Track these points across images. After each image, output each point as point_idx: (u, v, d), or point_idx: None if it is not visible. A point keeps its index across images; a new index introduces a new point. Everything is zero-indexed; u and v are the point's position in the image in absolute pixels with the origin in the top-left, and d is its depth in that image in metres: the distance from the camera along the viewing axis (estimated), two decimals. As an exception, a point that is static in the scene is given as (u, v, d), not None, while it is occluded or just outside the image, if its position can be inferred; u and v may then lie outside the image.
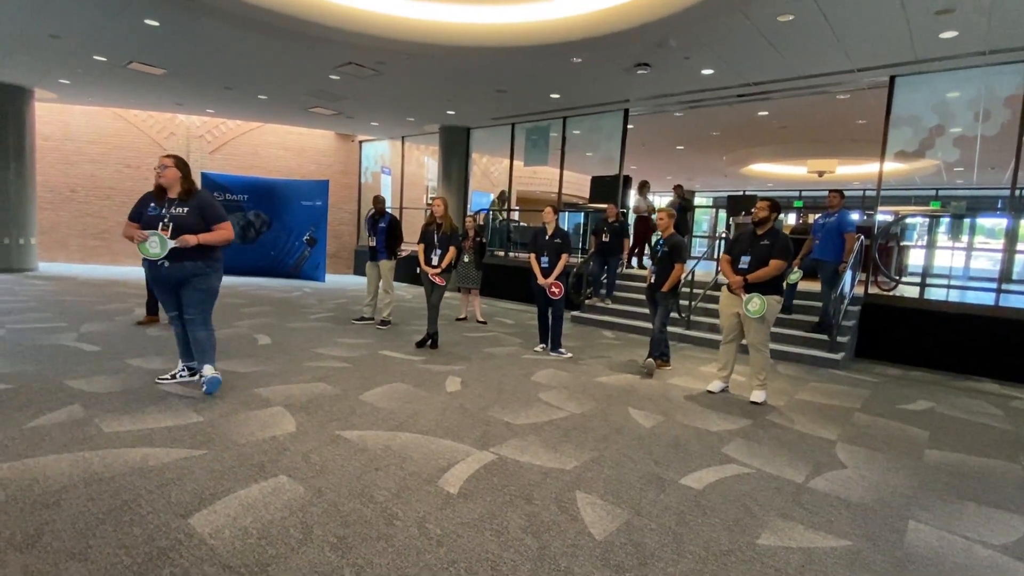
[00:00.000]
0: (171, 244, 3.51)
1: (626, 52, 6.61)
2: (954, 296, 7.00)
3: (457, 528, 2.31)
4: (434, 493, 2.61)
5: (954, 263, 11.76)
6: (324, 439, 3.18)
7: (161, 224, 3.54)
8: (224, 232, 3.73)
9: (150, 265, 3.62)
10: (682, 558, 2.20)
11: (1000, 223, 11.73)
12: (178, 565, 1.95)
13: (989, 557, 2.38)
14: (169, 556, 2.00)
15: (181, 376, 4.06)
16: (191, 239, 3.55)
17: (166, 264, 3.59)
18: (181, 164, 3.68)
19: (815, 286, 6.62)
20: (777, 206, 4.28)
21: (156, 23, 6.51)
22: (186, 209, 3.61)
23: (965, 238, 12.99)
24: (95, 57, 8.05)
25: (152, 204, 3.63)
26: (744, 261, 4.33)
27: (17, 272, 10.41)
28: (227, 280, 11.07)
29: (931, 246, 8.60)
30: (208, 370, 3.84)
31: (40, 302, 7.23)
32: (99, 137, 12.74)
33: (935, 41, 5.71)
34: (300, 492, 2.53)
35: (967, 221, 11.40)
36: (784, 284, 6.53)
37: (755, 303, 4.19)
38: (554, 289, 5.74)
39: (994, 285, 6.68)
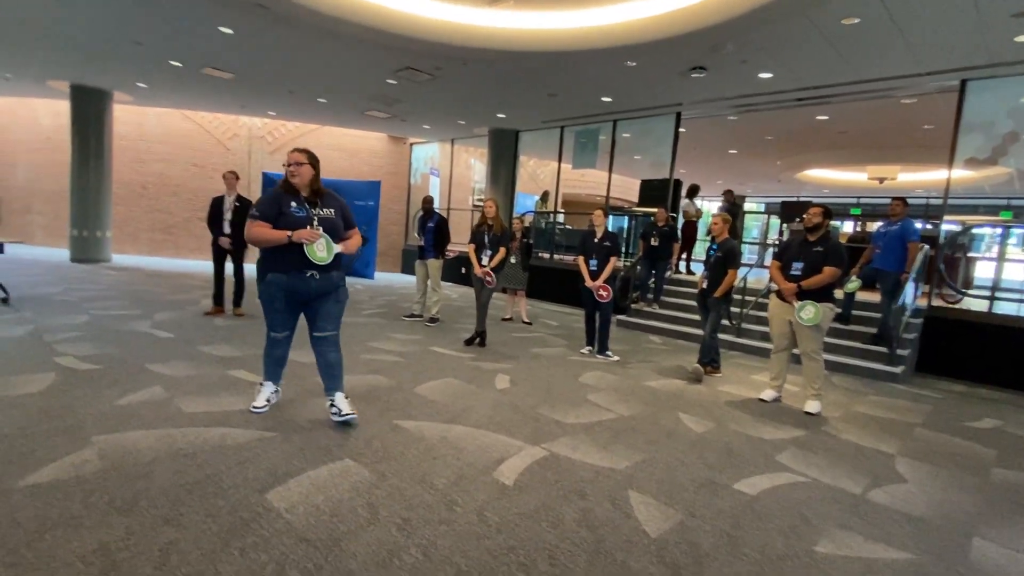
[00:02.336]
0: (337, 249, 3.13)
1: (682, 56, 6.58)
2: (1027, 311, 6.63)
3: (514, 518, 2.40)
4: (490, 484, 2.71)
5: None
6: (384, 427, 3.33)
7: (309, 227, 3.09)
8: (359, 237, 3.39)
9: (291, 279, 3.11)
10: (737, 560, 2.22)
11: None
12: (259, 535, 2.11)
13: (1063, 580, 2.29)
14: (251, 527, 2.16)
15: (274, 399, 3.53)
16: (354, 244, 3.26)
17: (316, 276, 3.13)
18: (314, 161, 3.22)
19: (874, 296, 6.41)
20: (830, 212, 4.19)
21: (230, 31, 6.90)
22: (332, 211, 3.23)
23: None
24: (171, 62, 8.58)
25: (293, 204, 3.12)
26: (796, 268, 4.26)
27: (94, 263, 11.17)
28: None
29: (1001, 258, 8.15)
30: (342, 401, 3.32)
31: (116, 291, 7.76)
32: (169, 137, 13.50)
33: (1010, 44, 5.46)
34: (365, 475, 2.67)
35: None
36: (842, 293, 6.38)
37: (809, 311, 4.11)
38: (602, 292, 5.77)
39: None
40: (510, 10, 6.25)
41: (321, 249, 3.08)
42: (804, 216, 4.29)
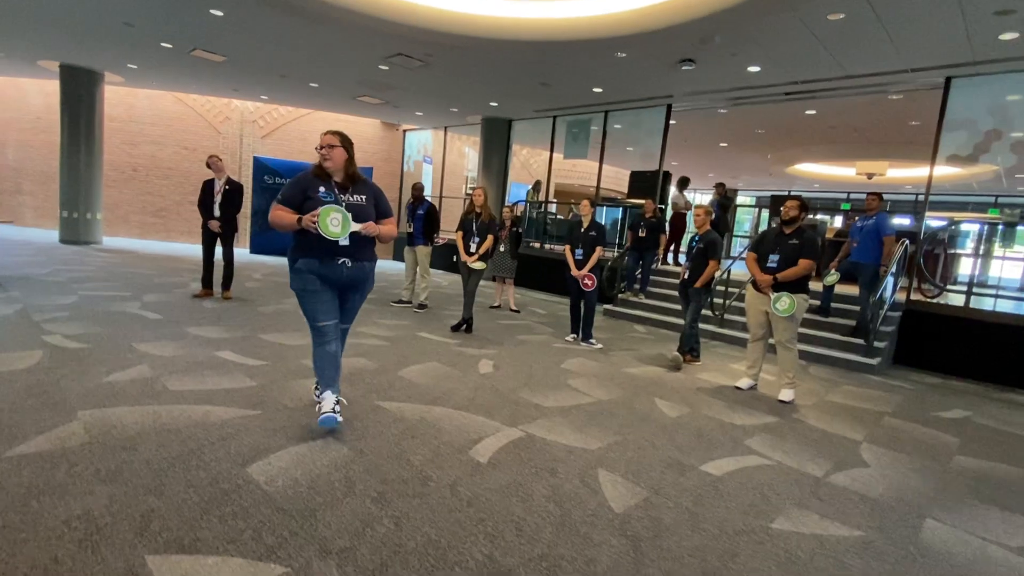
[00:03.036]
0: (354, 227, 2.89)
1: (671, 48, 6.63)
2: (1004, 307, 6.77)
3: (486, 492, 2.50)
4: (465, 461, 2.81)
5: (1010, 273, 11.29)
6: (365, 407, 3.42)
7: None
8: (394, 229, 3.16)
9: (323, 266, 2.91)
10: (696, 533, 2.33)
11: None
12: (238, 505, 2.20)
13: (1003, 557, 2.42)
14: (231, 497, 2.25)
15: (338, 408, 3.02)
16: (375, 228, 2.97)
17: (348, 264, 2.95)
18: (348, 143, 3.05)
19: (854, 289, 6.54)
20: (806, 206, 4.29)
21: (221, 13, 6.88)
22: (363, 198, 3.03)
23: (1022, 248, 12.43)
24: (162, 44, 8.53)
25: (322, 189, 2.93)
26: (773, 260, 4.36)
27: (84, 244, 11.15)
28: (275, 261, 11.63)
29: (978, 254, 8.30)
30: (329, 400, 2.99)
31: (106, 273, 7.78)
32: (160, 120, 13.43)
33: (994, 42, 5.54)
34: (344, 451, 2.76)
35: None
36: (822, 286, 6.51)
37: (784, 302, 4.22)
38: (587, 281, 5.86)
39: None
40: (501, -2, 6.28)
41: (335, 224, 2.82)
42: (781, 208, 4.38)
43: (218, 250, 6.52)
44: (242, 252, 11.74)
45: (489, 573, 1.93)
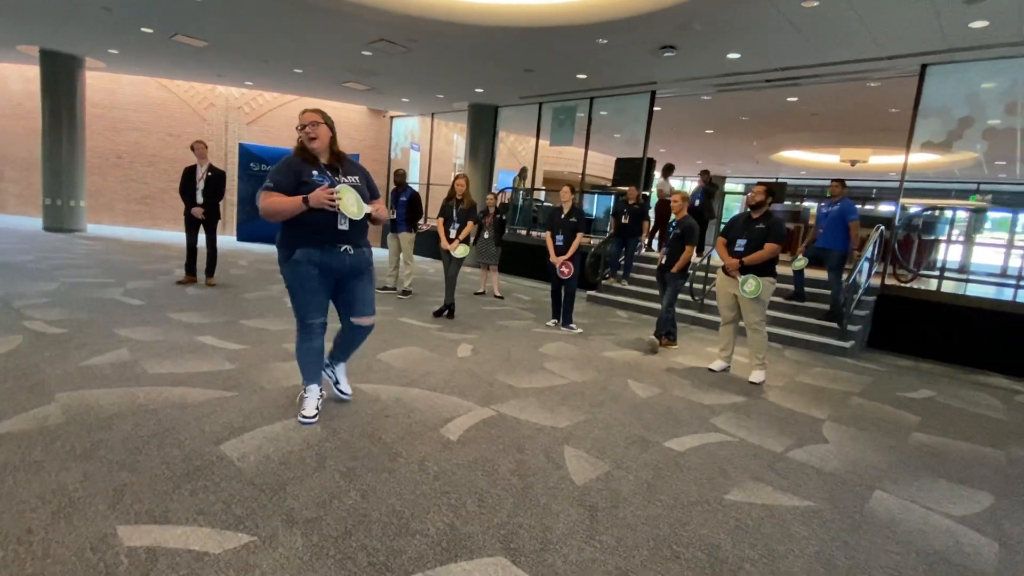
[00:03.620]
0: (367, 209, 2.79)
1: (651, 34, 6.66)
2: (975, 291, 6.93)
3: (453, 468, 2.60)
4: (436, 439, 2.90)
5: (984, 258, 11.50)
6: (341, 389, 3.50)
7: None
8: (384, 209, 3.02)
9: (325, 254, 2.79)
10: (651, 504, 2.45)
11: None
12: (210, 479, 2.28)
13: (944, 525, 2.55)
14: (203, 472, 2.33)
15: (320, 403, 3.06)
16: (384, 209, 2.86)
17: (350, 250, 2.84)
18: (330, 121, 2.85)
19: (823, 274, 6.67)
20: (772, 191, 4.39)
21: (200, -2, 6.84)
22: (357, 178, 2.88)
23: (1003, 234, 12.64)
24: (143, 29, 8.45)
25: (315, 172, 2.77)
26: (740, 244, 4.47)
27: (68, 232, 11.09)
28: (262, 248, 11.63)
29: (950, 240, 8.47)
30: (312, 400, 3.00)
31: (90, 260, 7.77)
32: (144, 106, 13.30)
33: (966, 30, 5.63)
34: (317, 430, 2.85)
35: (1005, 216, 11.08)
36: (791, 271, 6.65)
37: (751, 284, 4.34)
38: (563, 268, 5.93)
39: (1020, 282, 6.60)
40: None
41: (352, 204, 2.71)
42: (748, 194, 4.48)
43: (201, 237, 6.54)
44: (228, 239, 11.73)
45: (448, 540, 2.03)
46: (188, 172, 6.38)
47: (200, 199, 6.33)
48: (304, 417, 2.93)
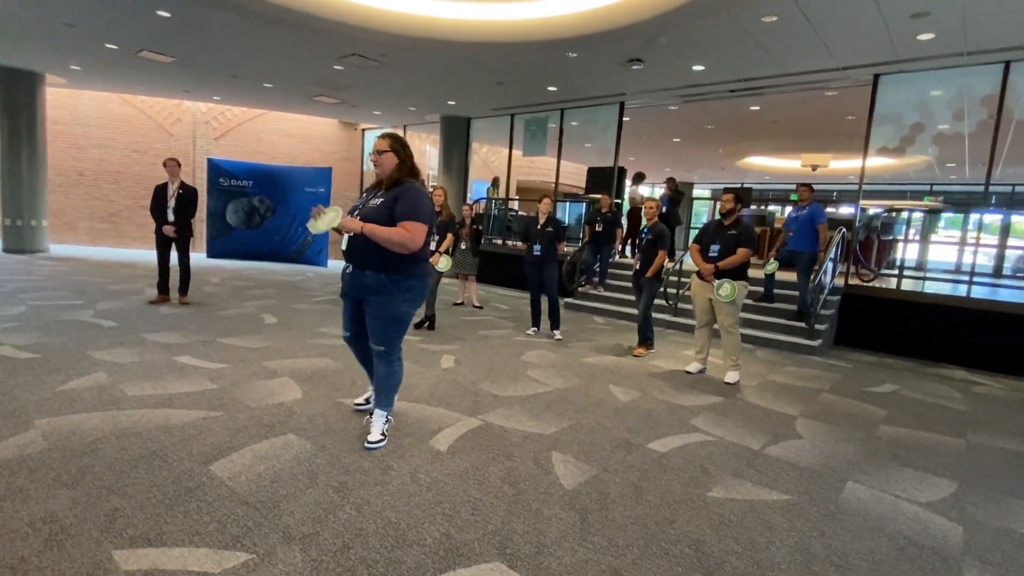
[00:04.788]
0: (332, 223, 2.79)
1: (618, 49, 6.86)
2: (931, 288, 7.28)
3: (444, 478, 2.64)
4: (426, 450, 2.94)
5: (940, 256, 12.04)
6: (327, 405, 3.51)
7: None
8: (403, 232, 2.70)
9: (343, 272, 2.98)
10: (639, 504, 2.53)
11: (995, 219, 12.01)
12: (203, 500, 2.28)
13: (911, 511, 2.70)
14: (195, 493, 2.33)
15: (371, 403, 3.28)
16: (355, 225, 2.70)
17: (349, 270, 2.93)
18: (399, 146, 2.86)
19: (794, 276, 6.92)
20: (741, 198, 4.59)
21: (168, 14, 6.77)
22: (381, 200, 2.84)
23: (957, 233, 13.26)
24: (107, 45, 8.30)
25: (363, 195, 2.98)
26: (714, 250, 4.65)
27: (29, 253, 10.74)
28: (234, 264, 11.47)
29: (907, 239, 8.88)
30: (379, 422, 2.99)
31: (56, 281, 7.56)
32: (107, 122, 12.99)
33: (914, 42, 5.95)
34: (307, 447, 2.86)
35: (964, 216, 11.63)
36: (763, 274, 6.88)
37: (726, 288, 4.50)
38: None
39: (978, 278, 6.96)
40: (453, 0, 6.37)
41: (321, 220, 2.77)
42: (719, 202, 4.66)
43: (173, 255, 6.44)
44: (199, 256, 11.49)
45: (445, 549, 2.08)
46: (159, 190, 6.29)
47: (171, 217, 6.25)
48: (368, 444, 2.92)
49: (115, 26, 7.43)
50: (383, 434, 2.97)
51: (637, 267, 5.62)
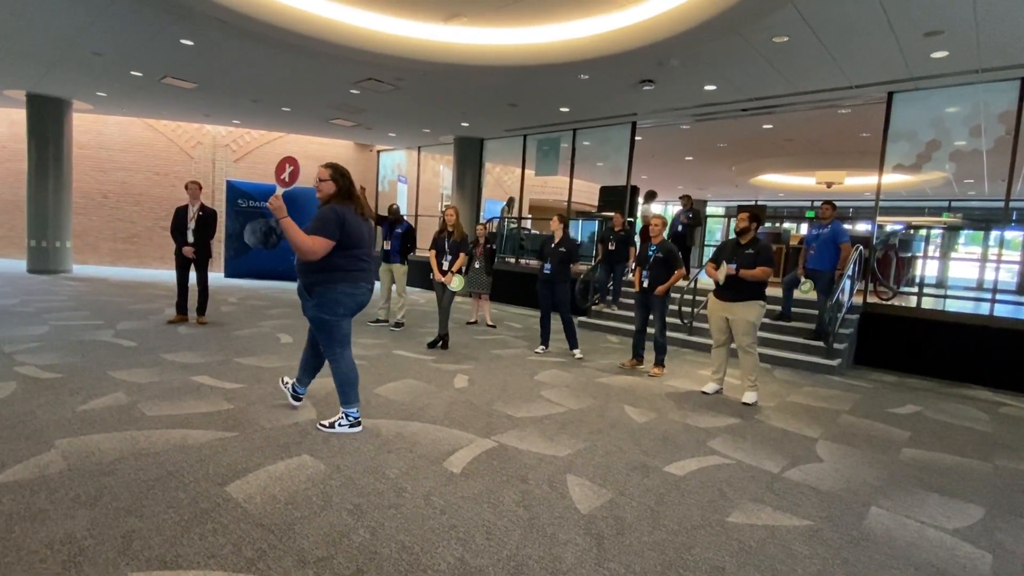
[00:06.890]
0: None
1: (630, 70, 6.93)
2: (953, 306, 7.15)
3: (458, 501, 2.62)
4: (439, 472, 2.93)
5: (964, 274, 11.83)
6: (342, 426, 3.51)
7: None
8: (302, 238, 3.05)
9: None
10: (656, 530, 2.49)
11: (1017, 235, 11.82)
12: (218, 522, 2.29)
13: (938, 538, 2.62)
14: (211, 515, 2.34)
15: (299, 395, 3.79)
16: (280, 212, 3.03)
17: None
18: (338, 176, 3.27)
19: (812, 294, 6.83)
20: (757, 216, 4.55)
21: (191, 43, 6.98)
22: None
23: (977, 250, 13.04)
24: (132, 72, 8.57)
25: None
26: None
27: (53, 273, 10.98)
28: (251, 284, 11.61)
29: (926, 256, 8.75)
30: (342, 418, 3.43)
31: (78, 301, 7.71)
32: (130, 146, 13.35)
33: (928, 60, 5.93)
34: (321, 468, 2.86)
35: (985, 232, 11.46)
36: (781, 292, 6.79)
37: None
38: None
39: (1001, 295, 6.80)
40: (465, 26, 6.49)
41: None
42: (735, 220, 4.64)
43: (192, 275, 6.55)
44: (216, 276, 11.67)
45: (460, 574, 2.05)
46: (180, 211, 6.43)
47: (191, 238, 6.37)
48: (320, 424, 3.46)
49: (140, 54, 7.68)
50: (333, 425, 3.40)
51: (644, 285, 5.54)
